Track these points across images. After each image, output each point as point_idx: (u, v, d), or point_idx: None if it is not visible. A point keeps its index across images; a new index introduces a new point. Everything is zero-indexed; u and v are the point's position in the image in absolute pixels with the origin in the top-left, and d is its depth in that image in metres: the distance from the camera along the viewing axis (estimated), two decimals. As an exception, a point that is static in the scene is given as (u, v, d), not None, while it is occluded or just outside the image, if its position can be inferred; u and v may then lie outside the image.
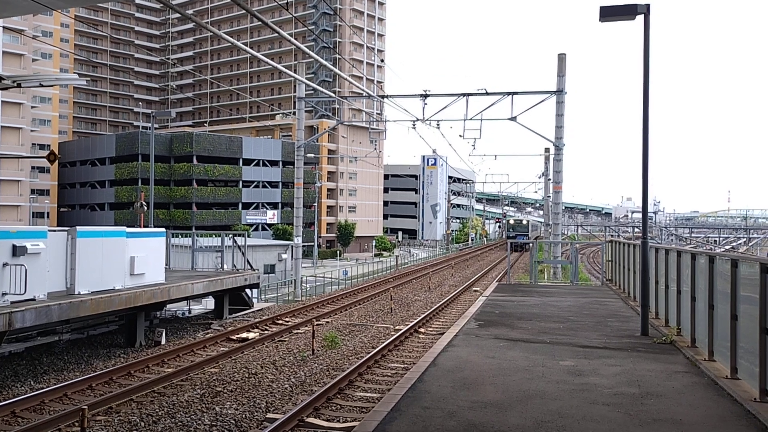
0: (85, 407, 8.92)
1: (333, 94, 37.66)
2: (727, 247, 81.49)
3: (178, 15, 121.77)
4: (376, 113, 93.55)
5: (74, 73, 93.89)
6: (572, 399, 7.87)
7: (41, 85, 17.57)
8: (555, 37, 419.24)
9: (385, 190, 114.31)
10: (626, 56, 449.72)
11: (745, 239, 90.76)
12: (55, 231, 14.80)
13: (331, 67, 20.53)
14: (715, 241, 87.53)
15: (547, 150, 57.54)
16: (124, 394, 11.78)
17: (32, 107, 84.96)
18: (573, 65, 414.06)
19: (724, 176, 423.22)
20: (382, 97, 33.46)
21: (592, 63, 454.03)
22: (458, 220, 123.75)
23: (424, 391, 8.24)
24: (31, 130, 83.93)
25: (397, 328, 19.82)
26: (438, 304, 24.91)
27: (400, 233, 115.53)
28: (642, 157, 12.37)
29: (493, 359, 10.17)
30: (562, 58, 31.23)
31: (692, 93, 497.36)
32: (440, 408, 7.48)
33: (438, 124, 32.01)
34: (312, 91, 75.18)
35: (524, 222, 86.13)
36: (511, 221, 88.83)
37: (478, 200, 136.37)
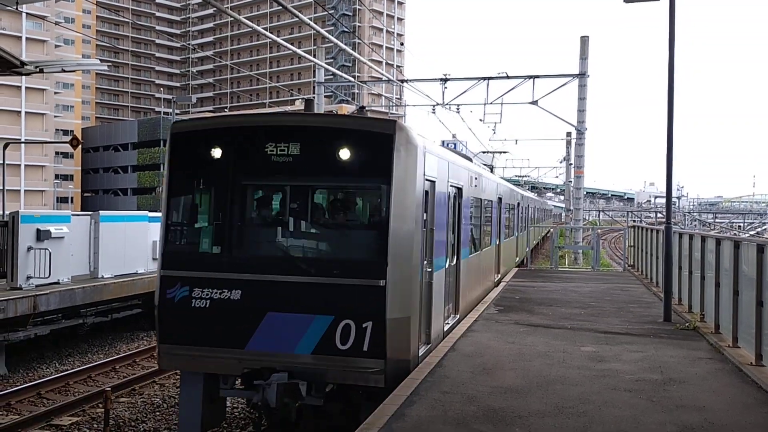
0: (109, 389, 9.06)
1: (352, 79, 37.60)
2: (752, 232, 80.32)
3: (198, 0, 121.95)
4: (396, 98, 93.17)
5: (96, 58, 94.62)
6: (593, 385, 7.81)
7: (63, 71, 17.73)
8: (578, 20, 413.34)
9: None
10: (651, 38, 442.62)
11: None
12: (78, 215, 14.99)
13: (351, 51, 20.44)
14: (739, 226, 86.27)
15: (568, 134, 56.89)
16: (147, 376, 11.93)
17: (55, 93, 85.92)
18: (596, 48, 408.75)
19: (748, 161, 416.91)
20: (402, 81, 33.28)
21: (616, 45, 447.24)
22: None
23: (444, 375, 8.21)
24: (55, 116, 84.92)
25: (416, 312, 19.77)
26: (458, 289, 24.82)
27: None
28: (666, 142, 12.14)
29: (513, 344, 10.11)
30: (584, 40, 30.78)
31: (717, 76, 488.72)
32: (460, 393, 7.45)
33: (458, 109, 31.73)
34: (331, 76, 74.92)
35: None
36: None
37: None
